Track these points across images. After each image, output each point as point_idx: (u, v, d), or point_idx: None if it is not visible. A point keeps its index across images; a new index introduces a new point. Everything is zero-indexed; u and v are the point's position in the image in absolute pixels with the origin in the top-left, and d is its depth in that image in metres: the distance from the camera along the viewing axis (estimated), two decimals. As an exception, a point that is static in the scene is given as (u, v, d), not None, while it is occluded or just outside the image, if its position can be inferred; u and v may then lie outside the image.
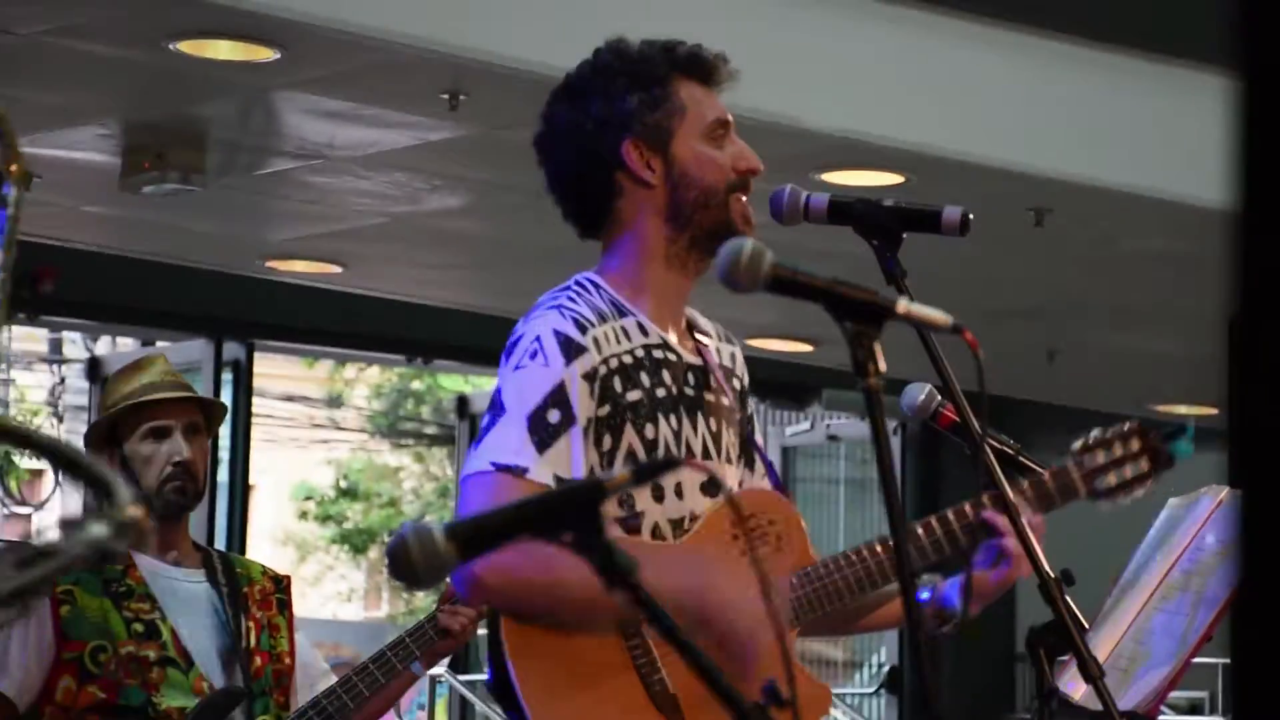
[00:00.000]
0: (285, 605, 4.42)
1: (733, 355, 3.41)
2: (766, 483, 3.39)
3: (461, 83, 6.79)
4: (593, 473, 3.10)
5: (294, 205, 8.64)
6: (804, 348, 11.31)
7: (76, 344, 15.39)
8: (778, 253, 2.57)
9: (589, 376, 3.12)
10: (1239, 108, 1.15)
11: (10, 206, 2.96)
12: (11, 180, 2.95)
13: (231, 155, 7.79)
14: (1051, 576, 3.03)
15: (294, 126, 7.44)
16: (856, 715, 13.11)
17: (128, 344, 13.38)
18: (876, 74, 7.35)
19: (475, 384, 18.61)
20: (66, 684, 4.12)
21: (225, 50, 6.55)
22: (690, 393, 3.25)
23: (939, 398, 3.37)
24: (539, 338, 3.12)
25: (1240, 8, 1.16)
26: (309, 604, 22.74)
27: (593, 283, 3.23)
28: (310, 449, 22.76)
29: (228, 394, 10.68)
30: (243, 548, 10.83)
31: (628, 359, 3.18)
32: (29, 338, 16.89)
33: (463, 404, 12.61)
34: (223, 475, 10.61)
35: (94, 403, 11.50)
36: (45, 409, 16.92)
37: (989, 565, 3.22)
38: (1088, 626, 3.11)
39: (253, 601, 4.35)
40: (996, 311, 9.71)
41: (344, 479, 23.79)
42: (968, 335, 2.49)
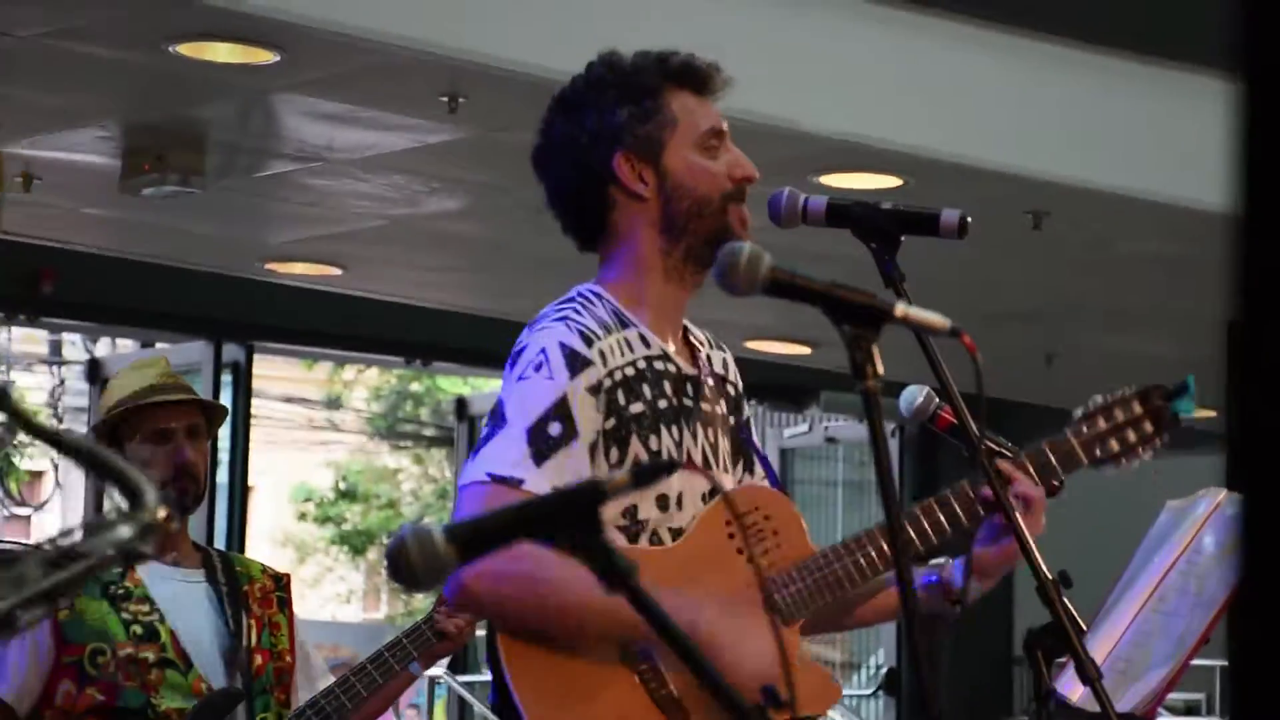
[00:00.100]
0: (285, 603, 4.43)
1: (724, 361, 3.42)
2: (765, 482, 3.40)
3: (460, 85, 6.80)
4: None
5: (293, 207, 8.65)
6: (802, 350, 11.31)
7: (76, 345, 15.39)
8: (776, 256, 2.58)
9: (594, 389, 3.12)
10: (1239, 110, 1.15)
11: None
12: None
13: (231, 157, 7.79)
14: (1049, 578, 3.04)
15: (293, 129, 7.45)
16: (855, 717, 13.11)
17: (127, 346, 13.37)
18: (874, 77, 7.36)
19: (474, 386, 18.62)
20: (66, 688, 4.12)
21: (224, 53, 6.56)
22: (688, 404, 3.25)
23: (937, 400, 3.37)
24: (544, 350, 3.13)
25: (1241, 10, 1.16)
26: (308, 605, 22.73)
27: (595, 294, 3.24)
28: (309, 450, 22.76)
29: (227, 396, 10.68)
30: (242, 549, 10.83)
31: (630, 371, 3.18)
32: (29, 339, 16.89)
33: (461, 406, 12.62)
34: (222, 476, 10.62)
35: (94, 404, 11.51)
36: (45, 410, 16.91)
37: (990, 542, 3.23)
38: (1086, 628, 3.11)
39: (253, 600, 4.35)
40: (994, 314, 9.72)
41: (343, 480, 23.79)
42: (965, 338, 2.50)
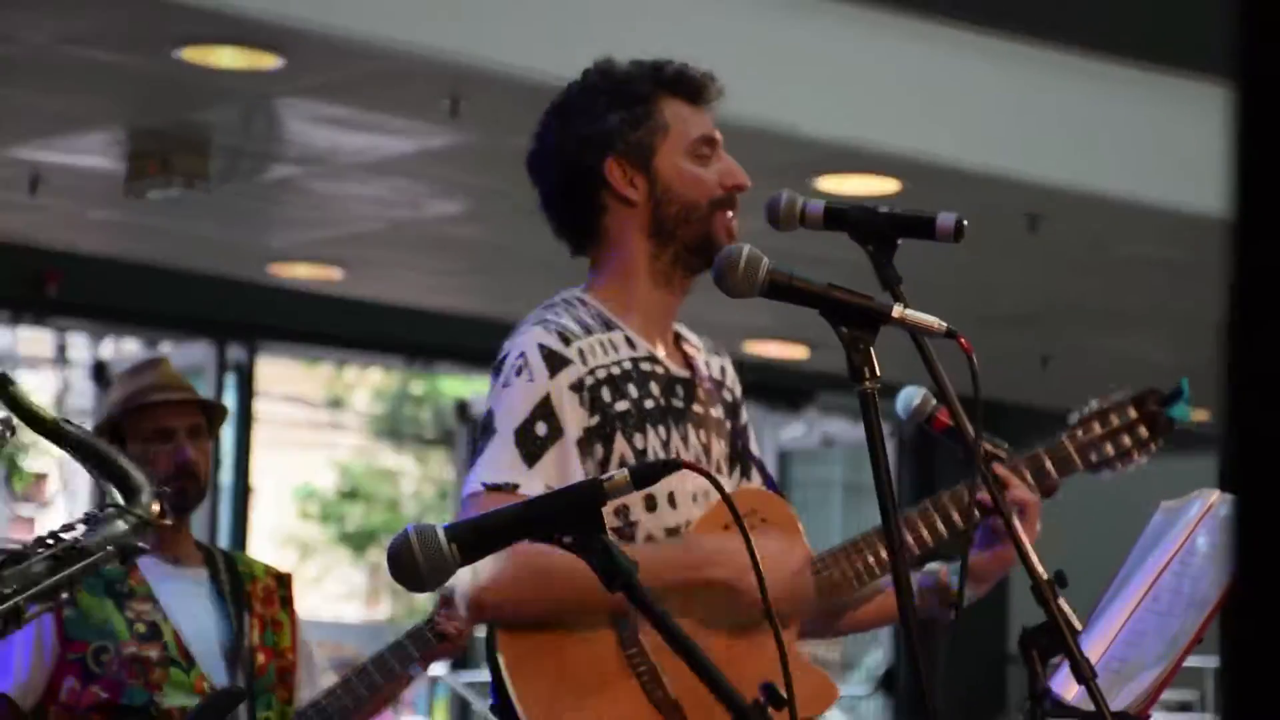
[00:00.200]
0: (288, 602, 4.44)
1: (722, 368, 3.43)
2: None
3: (462, 90, 6.82)
4: None
5: (296, 211, 8.67)
6: (800, 352, 11.33)
7: (81, 347, 15.37)
8: (774, 258, 2.61)
9: (576, 387, 3.15)
10: (1236, 115, 1.16)
11: None
12: None
13: (235, 161, 7.81)
14: (1044, 578, 3.06)
15: (296, 133, 7.47)
16: (852, 717, 13.11)
17: (132, 347, 13.38)
18: (872, 81, 7.38)
19: (475, 387, 18.61)
20: (70, 684, 4.14)
21: (228, 58, 6.58)
22: (678, 405, 3.26)
23: (934, 402, 3.38)
24: (524, 353, 3.16)
25: (1238, 16, 1.17)
26: (310, 604, 22.70)
27: (579, 298, 3.26)
28: (312, 451, 22.72)
29: (230, 396, 10.69)
30: (244, 548, 10.84)
31: (615, 370, 3.20)
32: (34, 340, 16.88)
33: (462, 407, 12.64)
34: (225, 477, 10.64)
35: (98, 405, 11.52)
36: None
37: (985, 547, 3.25)
38: (1080, 628, 3.13)
39: (255, 599, 4.37)
40: (991, 317, 9.73)
41: (345, 480, 23.76)
42: (962, 340, 2.53)
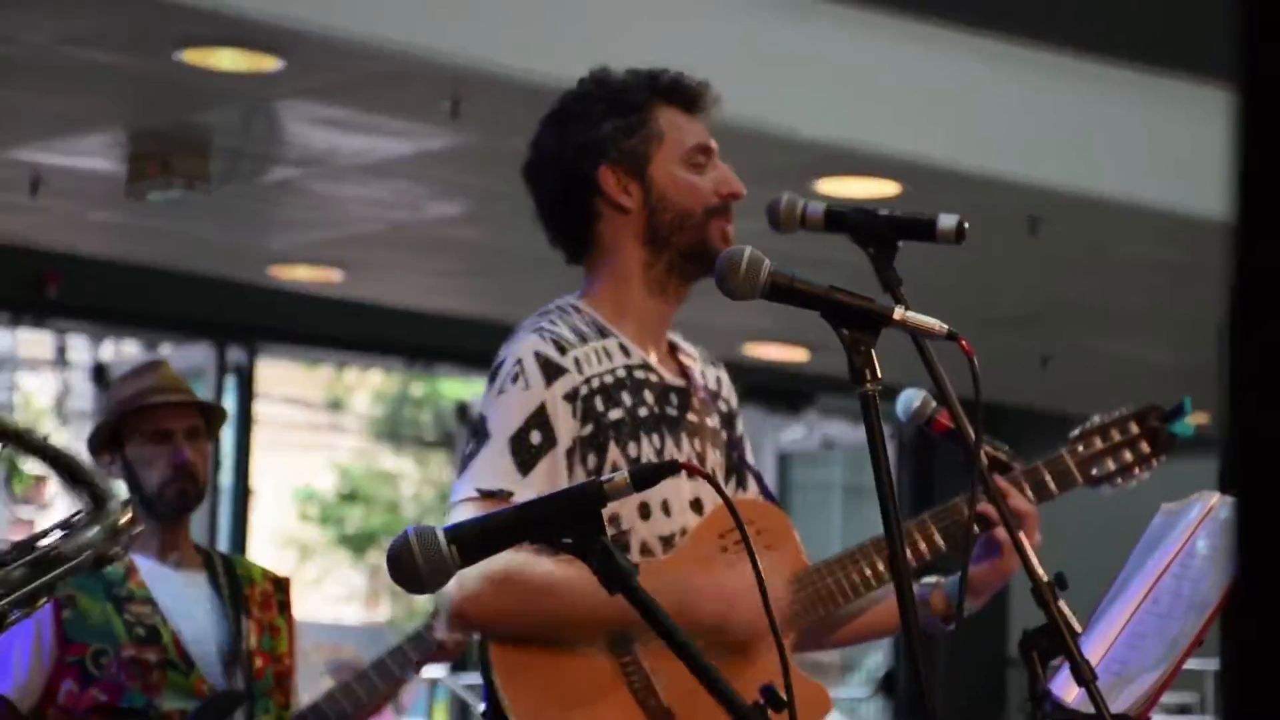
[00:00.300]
0: (285, 607, 4.44)
1: (718, 379, 3.43)
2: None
3: (462, 91, 6.82)
4: None
5: (296, 212, 8.67)
6: (800, 354, 11.32)
7: (81, 348, 15.37)
8: (774, 261, 2.61)
9: (570, 397, 3.15)
10: (1237, 117, 1.16)
11: None
12: None
13: (235, 163, 7.81)
14: (1045, 580, 3.06)
15: (296, 135, 7.47)
16: (852, 719, 13.12)
17: (132, 349, 13.38)
18: (872, 84, 7.38)
19: (475, 390, 18.60)
20: (69, 687, 4.14)
21: (229, 59, 6.58)
22: (672, 413, 3.26)
23: (934, 404, 3.38)
24: (520, 361, 3.16)
25: (1238, 18, 1.17)
26: (310, 606, 22.70)
27: (574, 305, 3.26)
28: (311, 453, 22.73)
29: (230, 398, 10.69)
30: (244, 550, 10.84)
31: (609, 379, 3.20)
32: (34, 342, 16.87)
33: (462, 409, 12.64)
34: (225, 479, 10.64)
35: (98, 408, 11.53)
36: (50, 413, 16.91)
37: (983, 560, 3.25)
38: (1080, 630, 3.13)
39: (253, 603, 4.37)
40: (991, 319, 9.74)
41: (345, 482, 23.76)
42: (963, 342, 2.53)
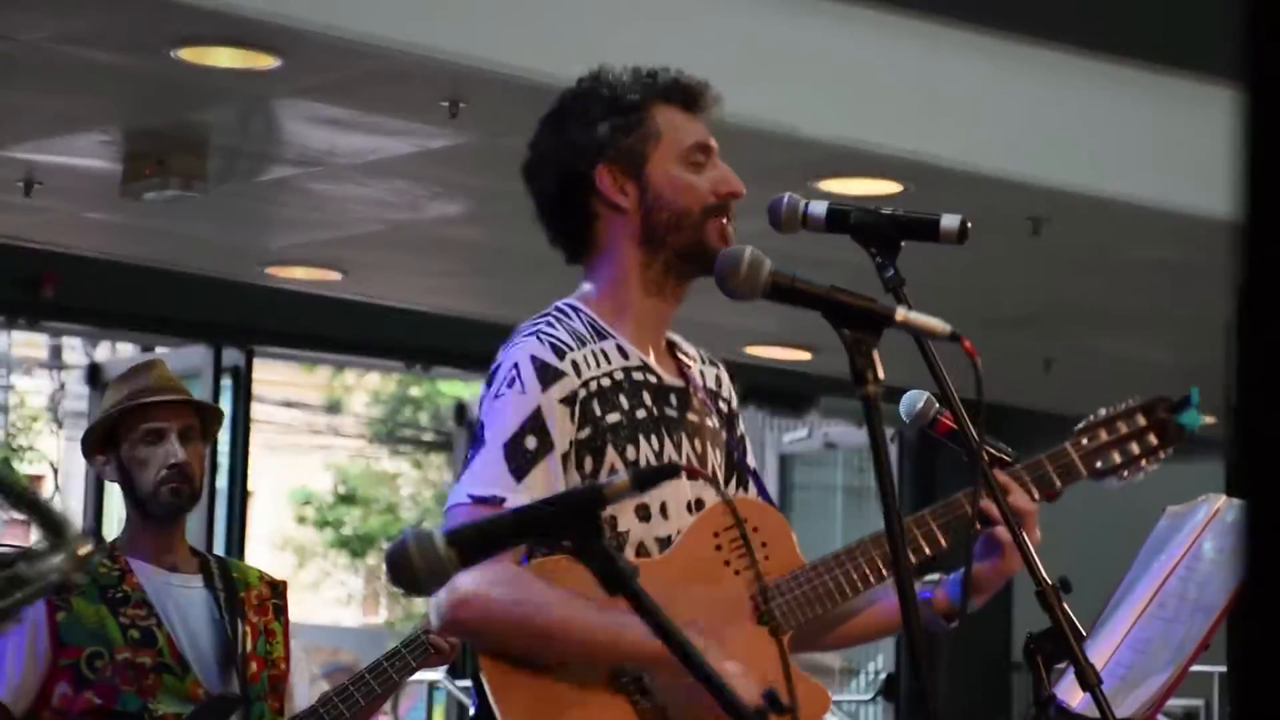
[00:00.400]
0: (281, 611, 4.43)
1: (717, 378, 3.42)
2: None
3: (461, 90, 6.80)
4: None
5: (294, 212, 8.65)
6: (802, 355, 11.31)
7: (76, 350, 15.40)
8: (776, 261, 2.59)
9: (567, 401, 3.13)
10: (1243, 117, 1.16)
11: None
12: None
13: (232, 162, 7.80)
14: (1049, 584, 3.04)
15: (294, 134, 7.45)
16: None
17: (128, 350, 13.38)
18: (875, 83, 7.36)
19: (474, 391, 18.61)
20: (63, 690, 4.14)
21: (226, 58, 6.56)
22: (672, 414, 3.25)
23: (936, 405, 3.37)
24: (517, 365, 3.14)
25: (1244, 17, 1.16)
26: (308, 609, 22.72)
27: (572, 307, 3.25)
28: (309, 454, 22.76)
29: (227, 400, 10.69)
30: (241, 552, 10.84)
31: (606, 381, 3.19)
32: (29, 343, 16.89)
33: (461, 410, 12.63)
34: (222, 481, 10.63)
35: (93, 409, 11.51)
36: (45, 414, 16.93)
37: (985, 558, 3.23)
38: (1085, 634, 3.11)
39: (249, 607, 4.36)
40: (993, 320, 9.72)
41: (342, 485, 23.79)
42: (965, 343, 2.51)
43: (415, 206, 8.45)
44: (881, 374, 2.49)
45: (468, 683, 11.11)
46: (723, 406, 3.39)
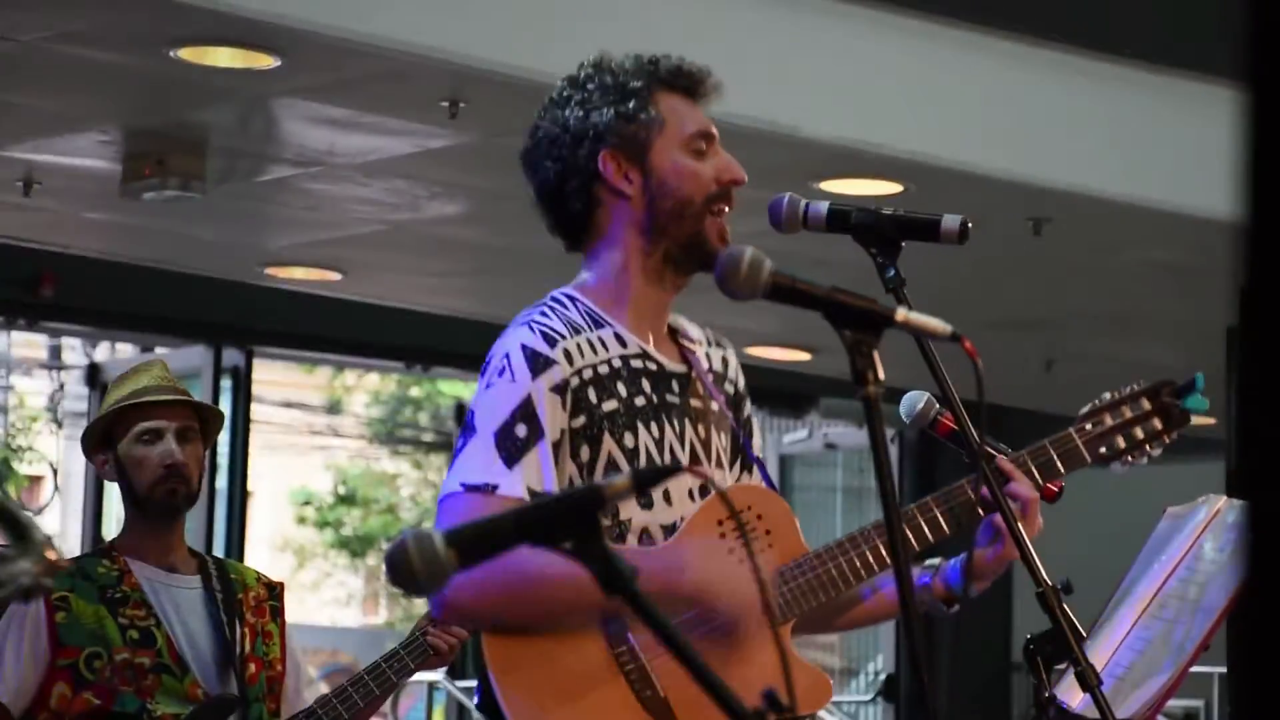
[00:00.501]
0: (278, 612, 4.44)
1: (724, 359, 3.41)
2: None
3: (461, 90, 6.80)
4: (571, 484, 3.12)
5: (293, 212, 8.65)
6: (802, 356, 11.31)
7: (76, 350, 15.38)
8: (776, 261, 2.58)
9: (558, 389, 3.13)
10: (1245, 117, 1.16)
11: None
12: None
13: (231, 162, 7.80)
14: (1050, 585, 3.04)
15: (294, 133, 7.45)
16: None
17: (127, 350, 13.37)
18: (875, 83, 7.36)
19: (473, 391, 18.58)
20: (61, 690, 4.14)
21: (225, 57, 6.56)
22: (673, 400, 3.24)
23: (937, 406, 3.37)
24: (507, 354, 3.15)
25: (1246, 17, 1.16)
26: (307, 609, 22.73)
27: (569, 296, 3.25)
28: (309, 455, 22.76)
29: (227, 400, 10.69)
30: (241, 553, 10.84)
31: (603, 369, 3.18)
32: (28, 343, 16.88)
33: (461, 411, 12.63)
34: (221, 481, 10.63)
35: (93, 409, 11.51)
36: (45, 414, 16.93)
37: (987, 543, 3.22)
38: (1086, 635, 3.11)
39: (247, 608, 4.37)
40: (994, 320, 9.72)
41: (342, 485, 23.79)
42: (966, 344, 2.50)
43: (415, 206, 8.45)
44: (882, 375, 2.49)
45: (467, 683, 11.13)
46: (729, 388, 3.39)
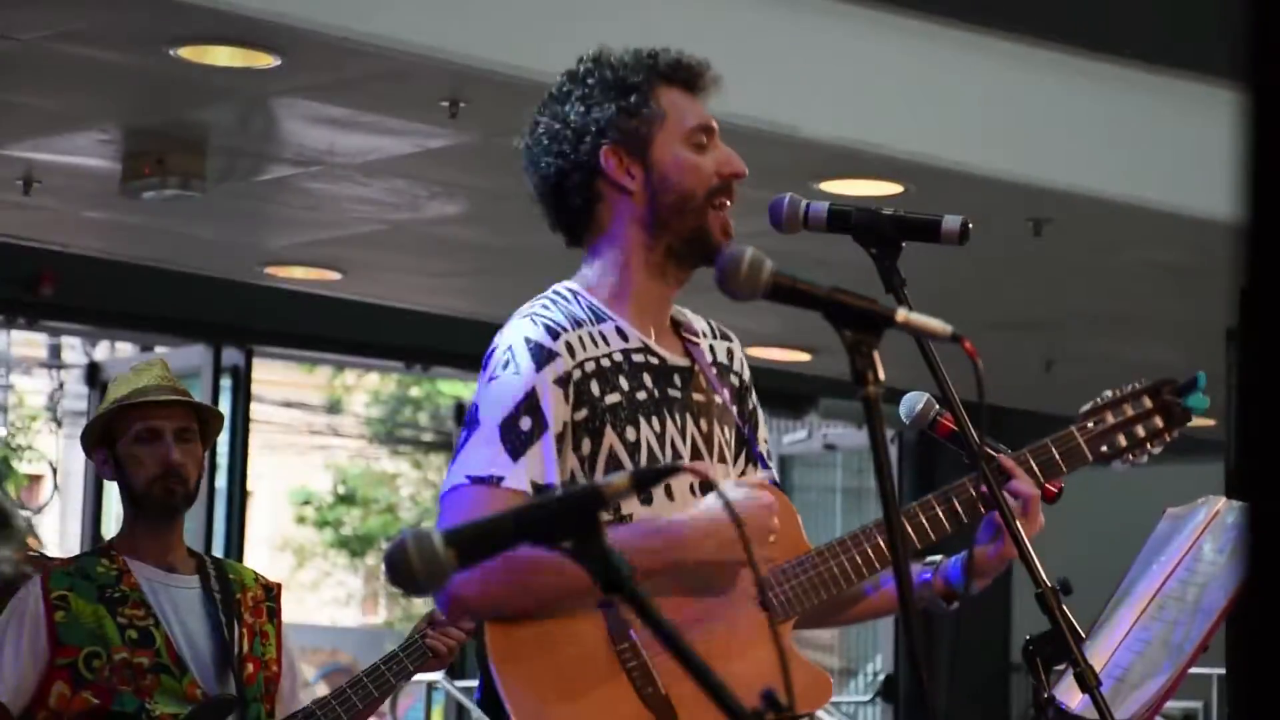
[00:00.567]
0: (275, 613, 4.44)
1: (729, 351, 3.41)
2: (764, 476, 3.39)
3: (461, 90, 6.80)
4: (573, 478, 3.12)
5: (293, 212, 8.65)
6: (801, 356, 11.31)
7: (75, 349, 15.38)
8: (777, 261, 2.58)
9: (561, 381, 3.13)
10: (1246, 118, 1.16)
11: None
12: None
13: (231, 161, 7.79)
14: (1049, 586, 3.04)
15: (293, 133, 7.45)
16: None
17: (127, 349, 13.37)
18: (876, 83, 7.35)
19: (473, 391, 18.57)
20: (60, 689, 4.14)
21: (225, 56, 6.55)
22: (675, 394, 3.25)
23: (937, 406, 3.37)
24: (511, 347, 3.15)
25: (1247, 18, 1.16)
26: (307, 609, 22.72)
27: (571, 290, 3.25)
28: (308, 455, 22.75)
29: (226, 400, 10.68)
30: (241, 553, 10.83)
31: (605, 363, 3.19)
32: (28, 343, 16.88)
33: (461, 410, 12.63)
34: (221, 481, 10.62)
35: (92, 408, 11.51)
36: (44, 414, 16.92)
37: (988, 541, 3.23)
38: (1084, 636, 3.11)
39: (246, 608, 4.37)
40: (994, 321, 9.72)
41: (342, 485, 23.79)
42: (966, 344, 2.50)
43: (415, 206, 8.44)
44: (882, 375, 2.48)
45: (466, 683, 11.12)
46: (734, 380, 3.39)
